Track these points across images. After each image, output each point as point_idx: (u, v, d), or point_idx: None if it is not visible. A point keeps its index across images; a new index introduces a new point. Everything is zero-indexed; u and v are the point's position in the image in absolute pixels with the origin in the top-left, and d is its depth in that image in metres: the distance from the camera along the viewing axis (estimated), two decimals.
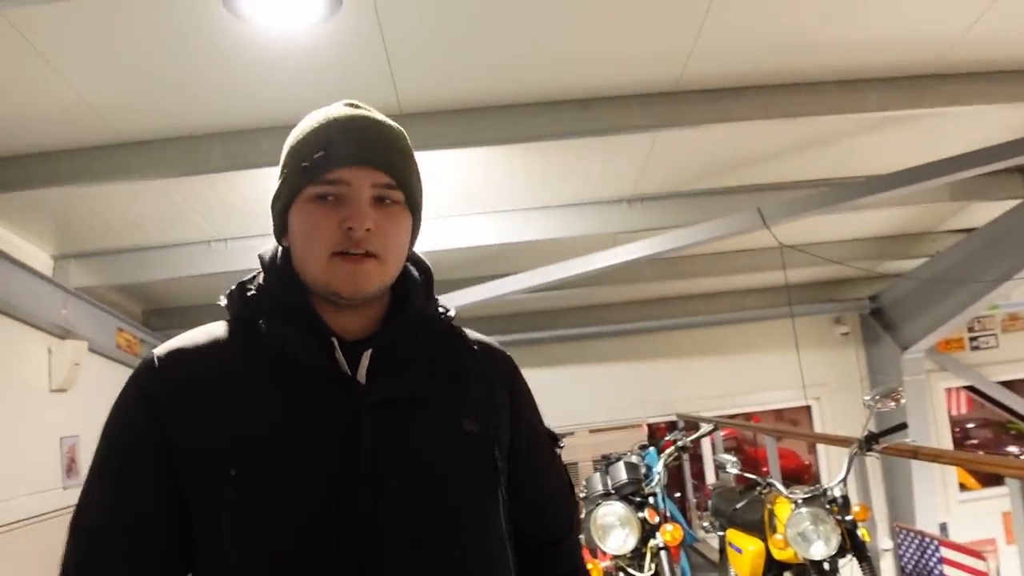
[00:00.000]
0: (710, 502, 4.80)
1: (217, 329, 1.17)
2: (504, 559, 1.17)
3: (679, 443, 4.09)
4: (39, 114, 3.60)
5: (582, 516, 3.85)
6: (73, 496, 1.10)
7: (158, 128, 3.84)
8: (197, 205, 4.88)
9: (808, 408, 9.10)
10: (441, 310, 1.22)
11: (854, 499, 3.67)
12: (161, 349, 1.14)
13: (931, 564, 3.68)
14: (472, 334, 1.28)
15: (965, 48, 4.06)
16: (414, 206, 1.17)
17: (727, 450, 6.52)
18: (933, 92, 4.33)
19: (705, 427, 4.52)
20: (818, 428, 8.97)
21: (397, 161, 1.14)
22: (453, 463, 1.13)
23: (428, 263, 1.26)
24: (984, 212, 6.61)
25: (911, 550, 3.86)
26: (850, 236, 7.30)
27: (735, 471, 3.92)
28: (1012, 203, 6.21)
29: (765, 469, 7.84)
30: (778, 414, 9.35)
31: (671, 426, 8.12)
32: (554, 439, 1.36)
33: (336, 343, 1.10)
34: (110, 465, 1.10)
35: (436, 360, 1.17)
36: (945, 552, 3.58)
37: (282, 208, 1.15)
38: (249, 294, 1.17)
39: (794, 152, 5.30)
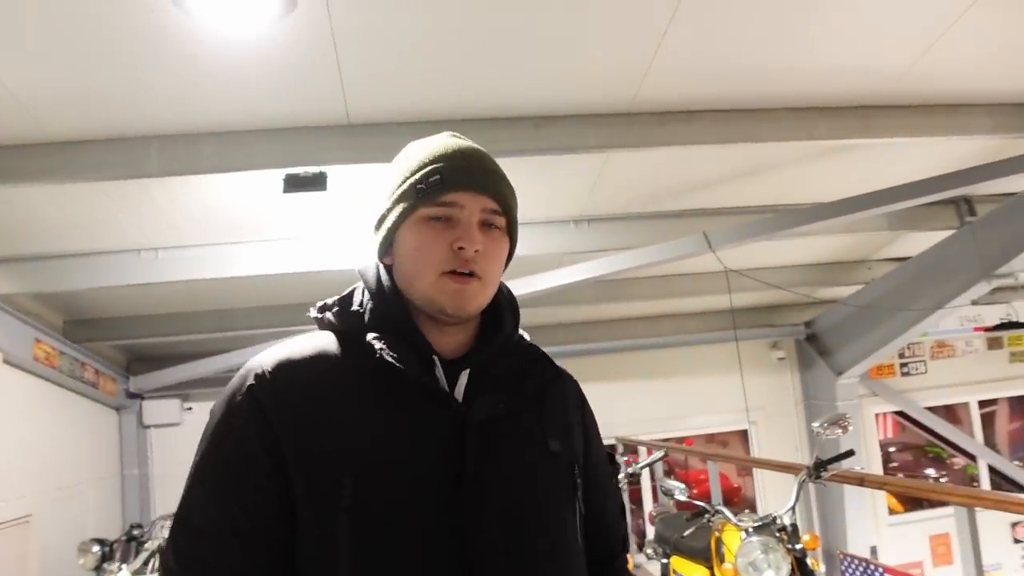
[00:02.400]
0: (653, 528, 4.74)
1: (320, 341, 1.22)
2: (583, 568, 1.26)
3: (631, 470, 4.03)
4: None
5: None
6: None
7: (92, 127, 3.62)
8: (129, 211, 4.63)
9: (743, 432, 9.17)
10: (520, 334, 1.32)
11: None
12: (268, 359, 1.17)
13: None
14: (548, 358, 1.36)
15: (911, 81, 4.15)
16: (512, 233, 1.25)
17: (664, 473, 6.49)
18: (879, 123, 4.40)
19: (656, 453, 4.46)
20: (755, 451, 9.05)
21: (504, 189, 1.22)
22: (542, 479, 1.21)
23: (511, 289, 1.33)
24: (918, 241, 6.78)
25: None
26: (788, 263, 7.41)
27: (683, 498, 3.87)
28: (945, 234, 6.38)
29: (695, 490, 7.87)
30: (709, 437, 9.40)
31: (610, 450, 8.07)
32: (611, 458, 1.38)
33: (437, 361, 1.18)
34: (219, 469, 1.13)
35: (524, 382, 1.25)
36: None
37: (393, 226, 1.21)
38: (353, 309, 1.23)
39: (740, 178, 5.33)
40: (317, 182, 3.94)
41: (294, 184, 3.91)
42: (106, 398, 7.11)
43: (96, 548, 5.40)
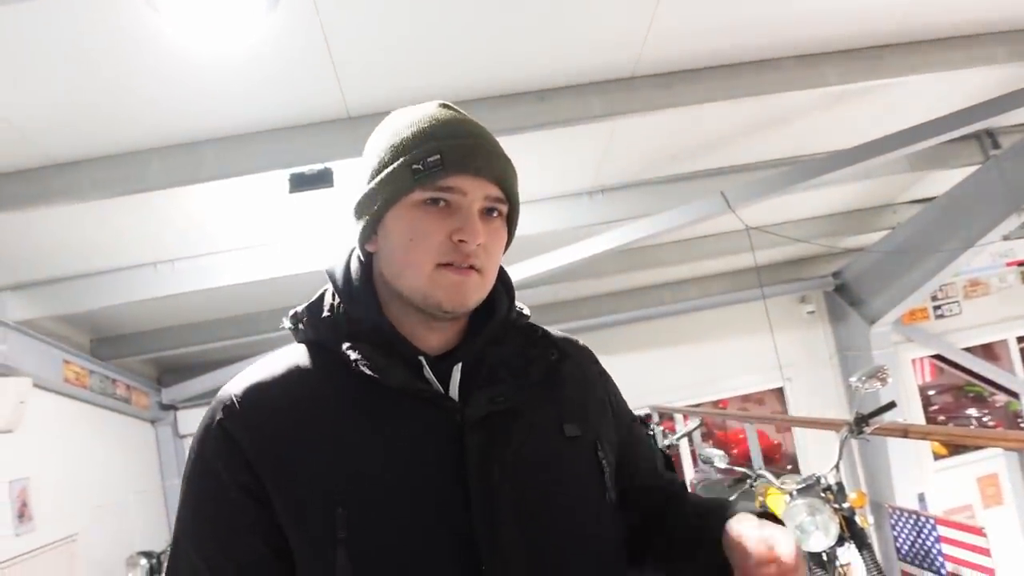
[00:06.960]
0: None
1: (293, 357, 1.10)
2: (620, 561, 1.15)
3: (668, 441, 3.98)
4: None
5: None
6: (26, 543, 0.98)
7: (90, 146, 3.59)
8: (139, 226, 4.62)
9: (780, 390, 9.05)
10: (518, 309, 1.19)
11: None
12: (238, 386, 1.07)
13: (928, 544, 3.59)
14: (554, 332, 1.24)
15: (919, 15, 4.00)
16: (512, 220, 1.14)
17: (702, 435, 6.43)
18: (891, 62, 4.25)
19: (692, 422, 4.40)
20: (792, 409, 8.93)
21: (509, 174, 1.09)
22: (562, 471, 1.10)
23: (505, 269, 1.19)
24: (942, 180, 6.61)
25: (906, 531, 3.77)
26: (811, 214, 7.25)
27: (723, 464, 3.80)
28: (969, 170, 6.20)
29: (735, 451, 7.78)
30: (745, 396, 9.31)
31: (645, 420, 8.01)
32: (641, 421, 1.33)
33: (424, 361, 1.06)
34: (201, 517, 1.04)
35: (527, 368, 1.13)
36: (943, 531, 3.49)
37: (380, 210, 1.06)
38: (324, 316, 1.11)
39: (754, 133, 5.20)
40: (323, 179, 3.87)
41: (300, 183, 3.86)
42: (140, 412, 7.15)
43: (144, 561, 5.46)
